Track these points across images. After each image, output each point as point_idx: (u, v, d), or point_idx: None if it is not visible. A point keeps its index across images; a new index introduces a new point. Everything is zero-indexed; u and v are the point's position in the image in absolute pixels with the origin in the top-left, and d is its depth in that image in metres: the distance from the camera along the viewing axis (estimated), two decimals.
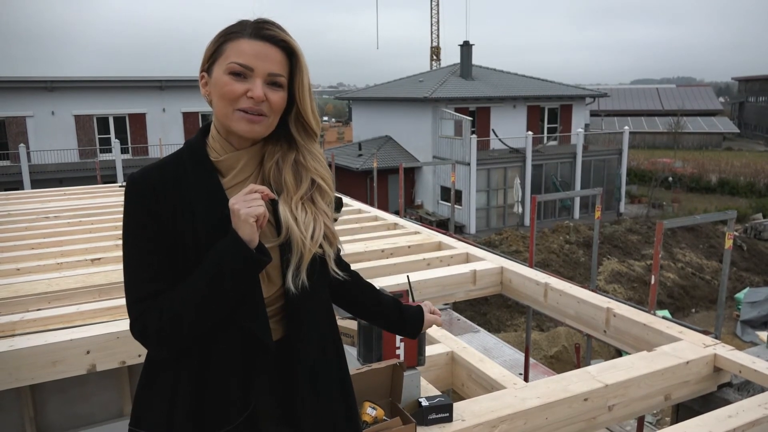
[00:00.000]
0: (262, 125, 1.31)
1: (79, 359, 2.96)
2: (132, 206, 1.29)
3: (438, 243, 5.11)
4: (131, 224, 1.29)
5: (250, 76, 1.29)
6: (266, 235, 1.34)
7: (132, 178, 1.31)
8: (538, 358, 10.23)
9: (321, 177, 1.41)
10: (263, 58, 1.29)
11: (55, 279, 4.00)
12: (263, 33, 1.30)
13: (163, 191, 1.28)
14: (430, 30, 44.42)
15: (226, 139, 1.35)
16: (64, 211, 6.46)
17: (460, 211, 22.23)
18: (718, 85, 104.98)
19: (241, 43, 1.29)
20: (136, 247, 1.29)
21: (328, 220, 1.41)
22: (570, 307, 3.78)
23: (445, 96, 23.41)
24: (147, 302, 1.26)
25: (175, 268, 1.28)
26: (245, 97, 1.28)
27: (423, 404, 2.23)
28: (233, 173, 1.35)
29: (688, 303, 16.27)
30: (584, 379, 2.64)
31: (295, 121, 1.39)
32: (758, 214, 24.25)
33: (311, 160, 1.40)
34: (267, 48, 1.30)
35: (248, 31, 1.30)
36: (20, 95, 21.07)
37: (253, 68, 1.28)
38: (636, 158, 34.71)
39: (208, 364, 1.30)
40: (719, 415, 2.44)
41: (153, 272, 1.28)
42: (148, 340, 1.28)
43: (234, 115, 1.29)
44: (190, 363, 1.30)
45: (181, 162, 1.34)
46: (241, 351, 1.31)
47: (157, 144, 22.21)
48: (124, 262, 1.31)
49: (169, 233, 1.27)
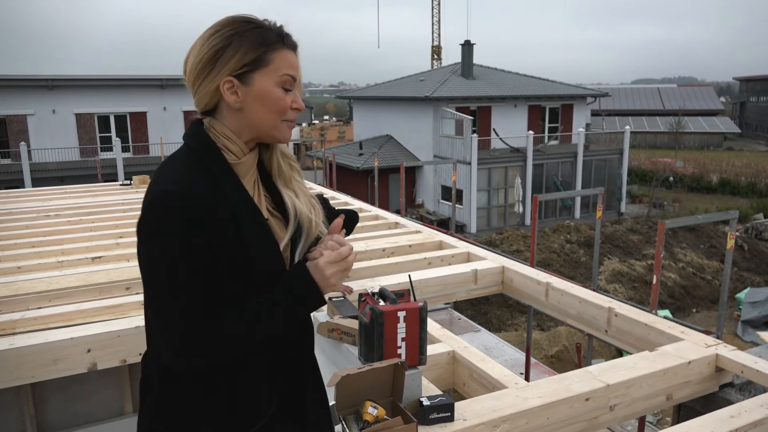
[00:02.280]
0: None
1: (79, 357, 2.96)
2: (181, 230, 1.17)
3: (439, 242, 5.10)
4: (178, 251, 1.18)
5: (293, 86, 1.33)
6: (276, 233, 1.35)
7: (176, 196, 1.18)
8: (539, 357, 10.22)
9: (288, 157, 1.44)
10: (298, 68, 1.34)
11: (55, 277, 4.00)
12: (292, 42, 1.34)
13: (213, 208, 1.21)
14: (431, 29, 44.40)
15: (245, 143, 1.35)
16: (64, 210, 6.46)
17: (461, 210, 22.24)
18: (720, 84, 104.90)
19: (287, 55, 1.32)
20: (185, 277, 1.19)
21: (310, 195, 1.46)
22: (571, 306, 3.77)
23: (446, 95, 23.40)
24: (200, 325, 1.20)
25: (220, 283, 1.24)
26: (291, 109, 1.33)
27: (424, 404, 2.22)
28: (249, 175, 1.36)
29: (689, 303, 16.26)
30: (586, 378, 2.63)
31: None
32: (759, 214, 24.24)
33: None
34: (296, 58, 1.35)
35: (287, 42, 1.32)
36: (21, 94, 21.08)
37: (296, 79, 1.33)
38: (637, 158, 34.70)
39: (245, 368, 1.31)
40: (721, 415, 2.44)
41: (200, 293, 1.20)
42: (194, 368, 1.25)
43: (281, 125, 1.34)
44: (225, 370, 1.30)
45: (204, 168, 1.27)
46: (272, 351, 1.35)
47: (157, 143, 22.21)
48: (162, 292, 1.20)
49: (219, 247, 1.22)
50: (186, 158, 1.28)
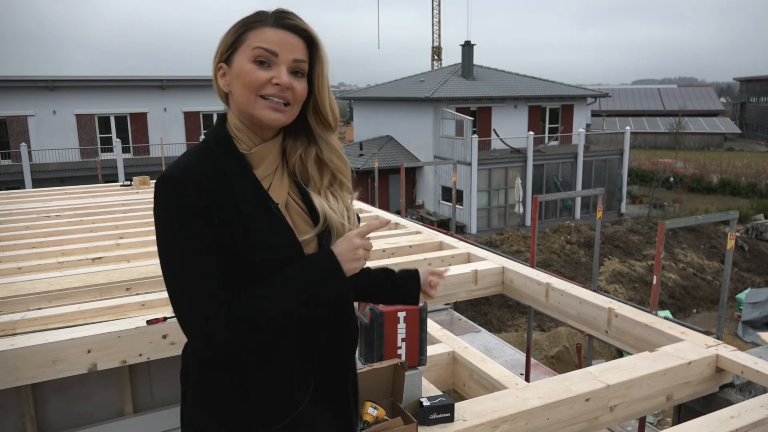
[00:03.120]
0: (286, 115, 1.31)
1: (79, 358, 2.96)
2: (175, 208, 1.21)
3: (439, 243, 5.10)
4: (176, 228, 1.21)
5: (274, 63, 1.28)
6: (299, 226, 1.35)
7: (170, 177, 1.22)
8: (539, 358, 10.21)
9: (338, 170, 1.42)
10: (287, 45, 1.29)
11: (56, 278, 4.00)
12: (285, 22, 1.31)
13: (208, 189, 1.23)
14: (431, 30, 44.41)
15: (252, 130, 1.33)
16: (65, 210, 6.46)
17: (461, 211, 22.23)
18: (720, 85, 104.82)
19: (264, 32, 1.29)
20: (186, 253, 1.21)
21: (351, 212, 1.44)
22: (572, 307, 3.77)
23: (446, 96, 23.40)
24: (209, 309, 1.20)
25: (226, 268, 1.24)
26: (270, 84, 1.27)
27: (424, 404, 2.22)
28: (264, 165, 1.34)
29: (689, 303, 16.25)
30: (586, 379, 2.63)
31: (313, 112, 1.38)
32: (760, 215, 24.23)
33: (328, 152, 1.41)
34: (289, 36, 1.30)
35: (270, 21, 1.30)
36: (21, 94, 21.08)
37: (278, 53, 1.28)
38: (637, 158, 34.70)
39: (274, 352, 1.30)
40: (721, 415, 2.43)
41: (209, 277, 1.21)
42: (215, 349, 1.23)
43: (257, 103, 1.28)
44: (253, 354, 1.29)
45: (213, 156, 1.29)
46: (301, 337, 1.33)
47: (158, 144, 22.21)
48: (171, 269, 1.23)
49: (220, 232, 1.23)
50: (198, 148, 1.32)
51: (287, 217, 1.33)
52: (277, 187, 1.35)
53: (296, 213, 1.36)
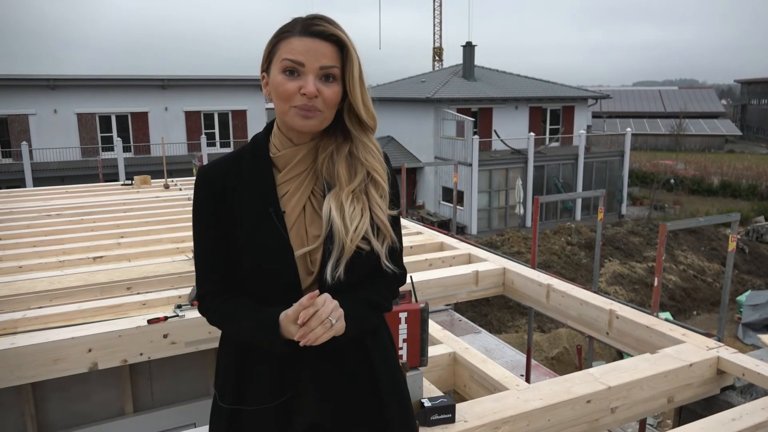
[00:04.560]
0: (317, 119, 1.34)
1: (80, 357, 2.96)
2: (200, 192, 1.40)
3: (440, 243, 5.10)
4: (199, 209, 1.40)
5: (302, 72, 1.32)
6: (307, 234, 1.37)
7: (201, 167, 1.42)
8: (539, 359, 10.21)
9: (374, 170, 1.43)
10: (314, 53, 1.32)
11: (56, 277, 4.00)
12: (313, 29, 1.33)
13: (224, 181, 1.38)
14: (432, 30, 44.50)
15: (286, 135, 1.40)
16: (65, 209, 6.46)
17: (462, 211, 22.23)
18: (721, 87, 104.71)
19: (292, 42, 1.32)
20: (202, 232, 1.40)
21: (381, 213, 1.40)
22: (572, 308, 3.77)
23: (447, 96, 23.40)
24: (205, 290, 1.41)
25: (228, 254, 1.37)
26: (299, 94, 1.31)
27: (425, 405, 2.22)
28: (289, 167, 1.40)
29: (690, 305, 16.25)
30: (587, 380, 2.63)
31: (348, 113, 1.41)
32: (760, 217, 24.22)
33: (364, 152, 1.43)
34: (317, 43, 1.32)
35: (298, 29, 1.33)
36: (23, 93, 21.07)
37: (304, 63, 1.31)
38: (638, 160, 34.68)
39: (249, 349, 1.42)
40: (722, 418, 2.43)
41: (210, 263, 1.40)
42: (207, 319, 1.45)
43: (290, 112, 1.34)
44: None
45: (242, 155, 1.42)
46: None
47: (159, 143, 22.21)
48: (194, 246, 1.44)
49: (223, 227, 1.37)
50: (238, 148, 1.46)
51: (294, 224, 1.36)
52: (294, 194, 1.39)
53: (310, 220, 1.38)
